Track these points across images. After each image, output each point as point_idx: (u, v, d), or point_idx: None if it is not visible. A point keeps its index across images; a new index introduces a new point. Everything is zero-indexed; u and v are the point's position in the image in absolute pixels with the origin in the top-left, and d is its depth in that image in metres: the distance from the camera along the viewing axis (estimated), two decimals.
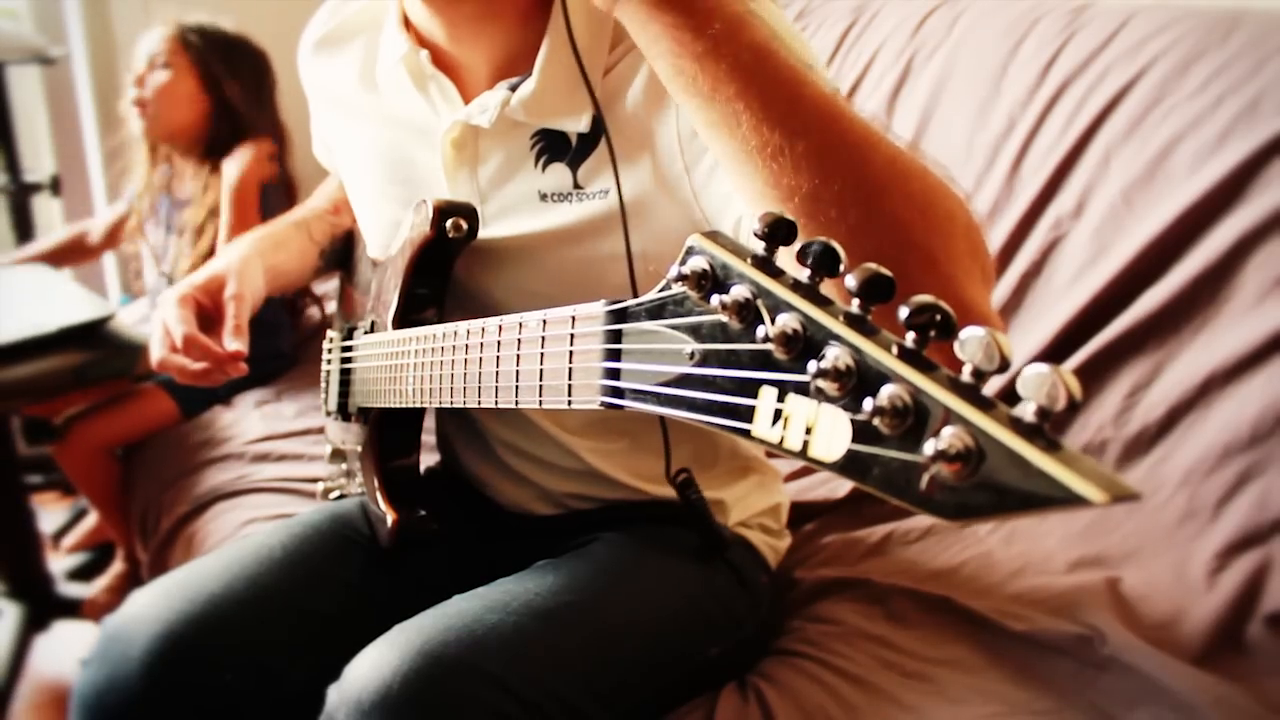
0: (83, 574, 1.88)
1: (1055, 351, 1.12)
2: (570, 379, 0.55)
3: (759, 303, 0.41)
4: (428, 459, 1.00)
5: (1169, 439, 1.02)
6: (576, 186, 0.78)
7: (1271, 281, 0.99)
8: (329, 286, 2.05)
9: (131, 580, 1.70)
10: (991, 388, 0.39)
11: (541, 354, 0.58)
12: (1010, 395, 0.34)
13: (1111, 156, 1.15)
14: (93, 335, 1.46)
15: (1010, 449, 0.32)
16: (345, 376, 0.97)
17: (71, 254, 1.98)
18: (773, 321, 0.39)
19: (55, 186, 2.21)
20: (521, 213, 0.80)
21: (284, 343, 1.82)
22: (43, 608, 1.73)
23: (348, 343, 0.97)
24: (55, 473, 1.85)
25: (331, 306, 1.98)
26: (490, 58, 0.80)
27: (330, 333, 1.06)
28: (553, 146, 0.79)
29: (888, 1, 1.53)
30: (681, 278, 0.44)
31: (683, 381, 0.45)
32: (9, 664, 1.60)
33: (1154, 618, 0.91)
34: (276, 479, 1.41)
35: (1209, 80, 1.09)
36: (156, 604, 0.81)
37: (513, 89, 0.77)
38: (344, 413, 0.97)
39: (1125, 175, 1.12)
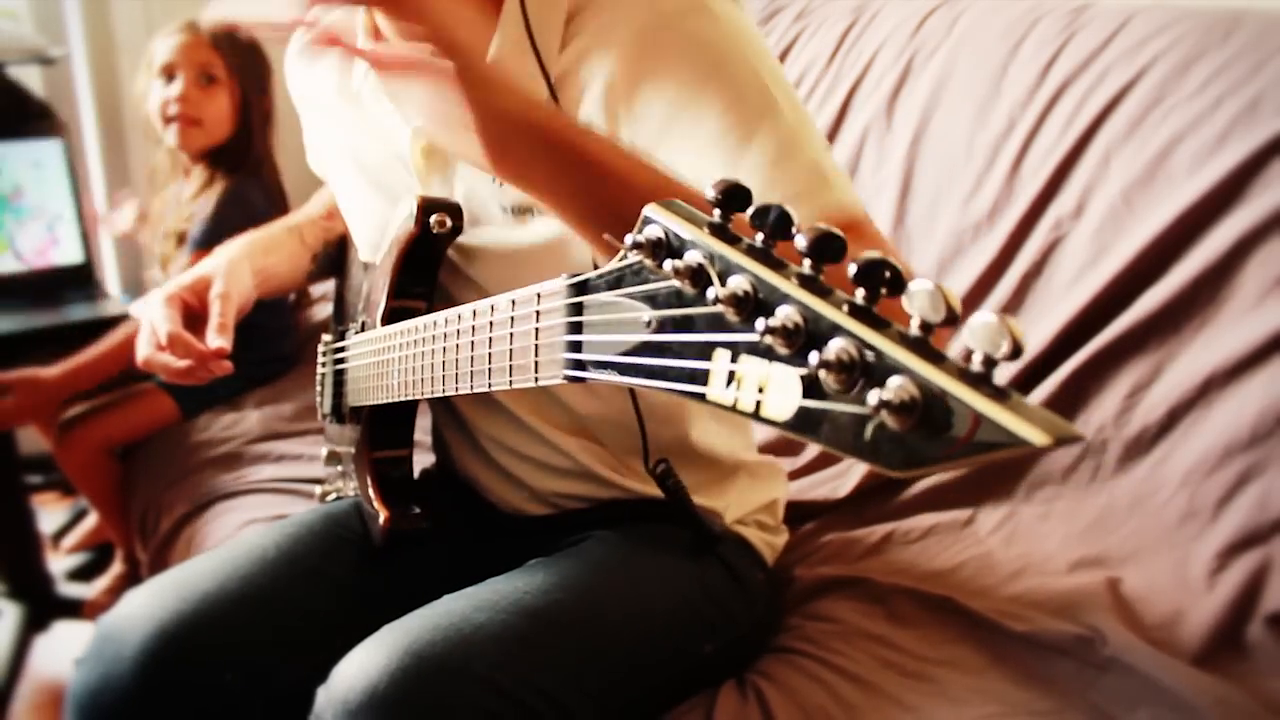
0: (83, 574, 1.88)
1: (1055, 352, 1.12)
2: (536, 355, 0.55)
3: (710, 267, 0.41)
4: (424, 460, 1.00)
5: (1169, 439, 1.02)
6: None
7: (1271, 281, 0.99)
8: (327, 287, 2.05)
9: (131, 581, 1.70)
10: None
11: (511, 334, 0.58)
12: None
13: (1111, 157, 1.15)
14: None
15: (954, 395, 0.32)
16: (339, 378, 0.98)
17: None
18: (724, 284, 0.39)
19: None
20: (493, 221, 0.81)
21: (286, 345, 1.82)
22: (43, 608, 1.73)
23: (340, 344, 0.97)
24: (55, 473, 1.85)
25: (329, 308, 1.98)
26: None
27: (325, 336, 1.06)
28: None
29: (888, 1, 1.53)
30: (637, 246, 0.44)
31: (641, 349, 0.46)
32: (9, 664, 1.60)
33: (1154, 618, 0.91)
34: (276, 479, 1.41)
35: (1209, 80, 1.09)
36: (150, 603, 0.81)
37: None
38: (338, 414, 0.98)
39: (1125, 175, 1.12)
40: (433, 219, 0.80)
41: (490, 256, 0.83)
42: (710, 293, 0.40)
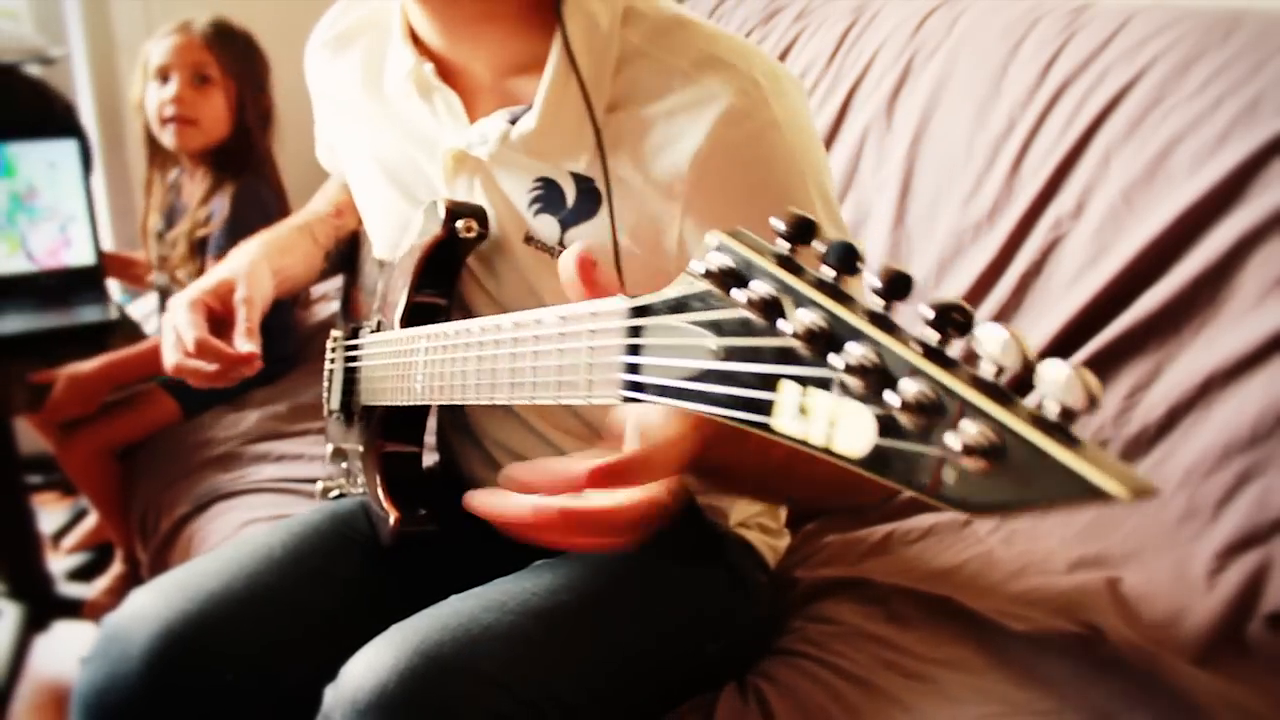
0: (83, 574, 1.88)
1: (1055, 352, 1.12)
2: (590, 374, 0.55)
3: (782, 299, 0.41)
4: (427, 458, 1.00)
5: (1169, 439, 1.02)
6: (560, 245, 0.78)
7: (1271, 281, 0.99)
8: (327, 287, 2.05)
9: (131, 582, 1.70)
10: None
11: (560, 349, 0.58)
12: (1021, 386, 0.35)
13: (1111, 156, 1.15)
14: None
15: (1032, 443, 0.32)
16: (350, 376, 0.97)
17: (126, 268, 1.97)
18: (796, 317, 0.40)
19: None
20: (512, 242, 0.81)
21: (287, 345, 1.81)
22: (43, 608, 1.73)
23: (353, 342, 0.97)
24: (55, 473, 1.85)
25: (331, 307, 1.98)
26: (491, 64, 0.80)
27: (335, 332, 1.06)
28: (549, 199, 0.79)
29: (888, 1, 1.53)
30: (707, 274, 0.45)
31: (704, 376, 0.46)
32: (9, 664, 1.60)
33: (1154, 618, 0.91)
34: (276, 479, 1.41)
35: (1209, 80, 1.09)
36: (156, 603, 0.81)
37: (514, 120, 0.77)
38: (347, 412, 0.97)
39: (1125, 175, 1.12)
40: (460, 224, 0.80)
41: (508, 274, 0.83)
42: (783, 325, 0.40)
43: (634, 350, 0.51)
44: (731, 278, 0.44)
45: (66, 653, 1.70)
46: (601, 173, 0.75)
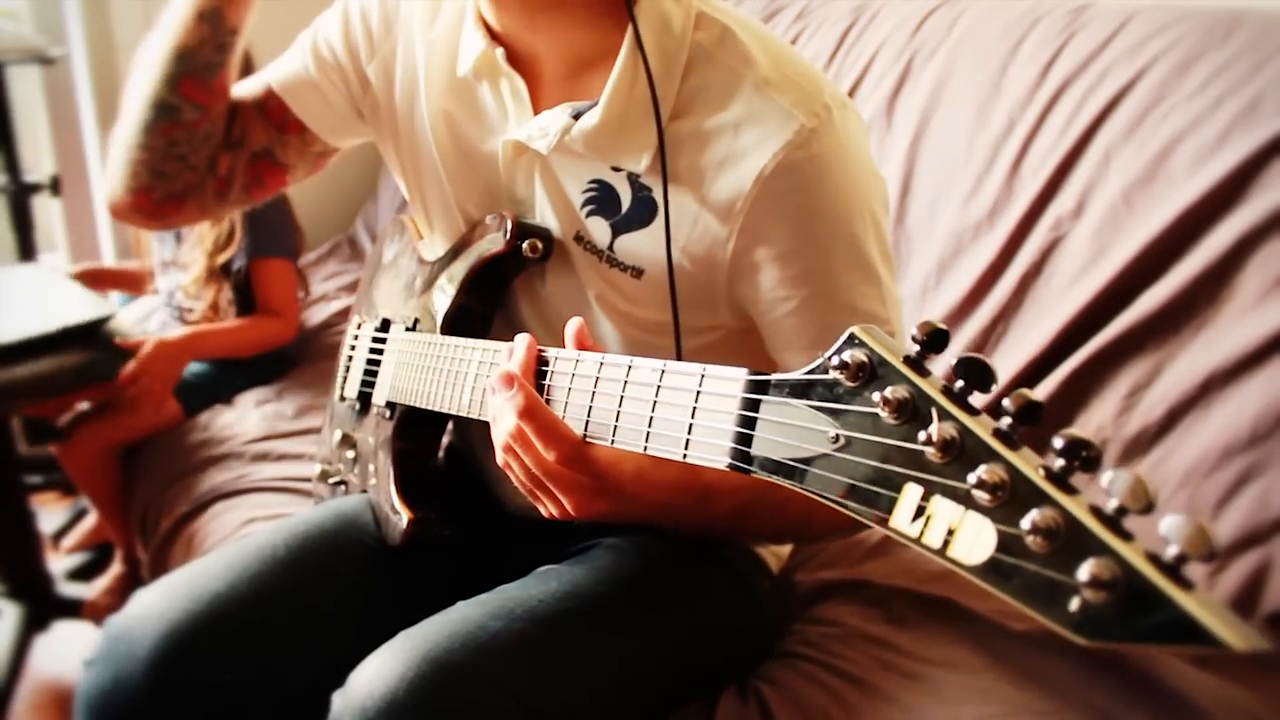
0: (83, 574, 1.88)
1: (1055, 352, 1.12)
2: (690, 434, 0.57)
3: (918, 404, 0.43)
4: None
5: (1169, 439, 1.02)
6: (610, 250, 0.78)
7: (1271, 281, 0.99)
8: (327, 287, 2.05)
9: (131, 582, 1.70)
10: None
11: (654, 402, 0.59)
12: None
13: (1111, 156, 1.15)
14: (92, 335, 1.46)
15: (1154, 584, 0.34)
16: (370, 366, 0.97)
17: (120, 281, 1.97)
18: (935, 428, 0.42)
19: (55, 187, 2.21)
20: (564, 238, 0.81)
21: (289, 344, 1.82)
22: (43, 608, 1.73)
23: (381, 335, 0.96)
24: (55, 473, 1.85)
25: (332, 307, 1.98)
26: (560, 54, 0.79)
27: (355, 318, 1.05)
28: (603, 201, 0.78)
29: (888, 1, 1.53)
30: (842, 366, 0.46)
31: (820, 462, 0.48)
32: (9, 664, 1.60)
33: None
34: (276, 479, 1.41)
35: (1209, 80, 1.09)
36: (160, 604, 0.81)
37: (576, 116, 0.77)
38: (363, 402, 0.97)
39: (1125, 175, 1.12)
40: (526, 244, 0.80)
41: (556, 269, 0.83)
42: (921, 434, 0.42)
43: (748, 423, 0.53)
44: (865, 373, 0.46)
45: (66, 653, 1.70)
46: (660, 181, 0.74)
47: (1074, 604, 0.37)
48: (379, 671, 0.68)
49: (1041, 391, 1.11)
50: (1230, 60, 1.08)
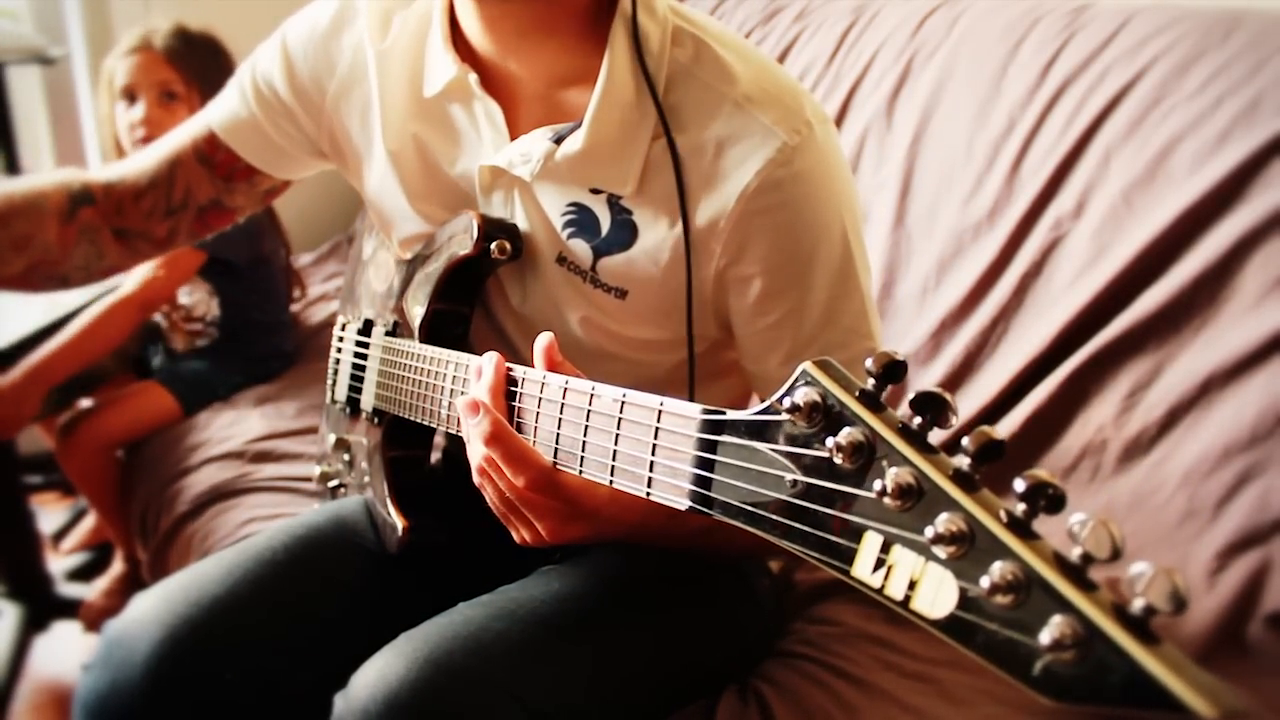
0: (83, 574, 1.88)
1: (1055, 352, 1.12)
2: (651, 471, 0.56)
3: (876, 448, 0.41)
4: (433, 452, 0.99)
5: (1169, 439, 1.02)
6: (593, 271, 0.78)
7: (1271, 281, 0.99)
8: (327, 287, 2.05)
9: (130, 583, 1.70)
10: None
11: (616, 434, 0.58)
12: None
13: (1111, 156, 1.15)
14: None
15: (1118, 644, 0.34)
16: (356, 370, 0.97)
17: None
18: (890, 476, 0.40)
19: None
20: (545, 259, 0.80)
21: (286, 342, 1.82)
22: (43, 608, 1.73)
23: (363, 338, 0.96)
24: (55, 473, 1.85)
25: (331, 307, 1.98)
26: (542, 74, 0.77)
27: (341, 319, 1.04)
28: (582, 224, 0.78)
29: (888, 1, 1.53)
30: (794, 409, 0.44)
31: (780, 508, 0.46)
32: (9, 664, 1.60)
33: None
34: (276, 478, 1.41)
35: (1209, 80, 1.09)
36: (158, 608, 0.81)
37: (557, 140, 0.76)
38: (353, 406, 0.97)
39: (1125, 175, 1.12)
40: (494, 245, 0.78)
41: (536, 288, 0.82)
42: (876, 483, 0.41)
43: (705, 464, 0.51)
44: (819, 414, 0.44)
45: (66, 653, 1.70)
46: (644, 204, 0.74)
47: (1038, 667, 0.36)
48: (381, 673, 0.68)
49: (1042, 391, 1.11)
50: (1230, 60, 1.08)
